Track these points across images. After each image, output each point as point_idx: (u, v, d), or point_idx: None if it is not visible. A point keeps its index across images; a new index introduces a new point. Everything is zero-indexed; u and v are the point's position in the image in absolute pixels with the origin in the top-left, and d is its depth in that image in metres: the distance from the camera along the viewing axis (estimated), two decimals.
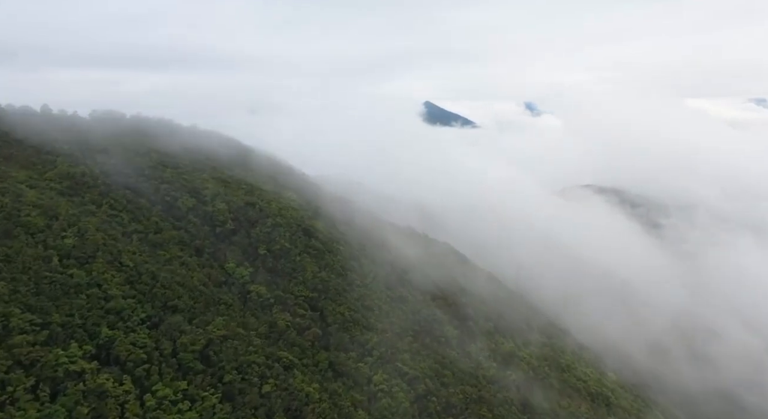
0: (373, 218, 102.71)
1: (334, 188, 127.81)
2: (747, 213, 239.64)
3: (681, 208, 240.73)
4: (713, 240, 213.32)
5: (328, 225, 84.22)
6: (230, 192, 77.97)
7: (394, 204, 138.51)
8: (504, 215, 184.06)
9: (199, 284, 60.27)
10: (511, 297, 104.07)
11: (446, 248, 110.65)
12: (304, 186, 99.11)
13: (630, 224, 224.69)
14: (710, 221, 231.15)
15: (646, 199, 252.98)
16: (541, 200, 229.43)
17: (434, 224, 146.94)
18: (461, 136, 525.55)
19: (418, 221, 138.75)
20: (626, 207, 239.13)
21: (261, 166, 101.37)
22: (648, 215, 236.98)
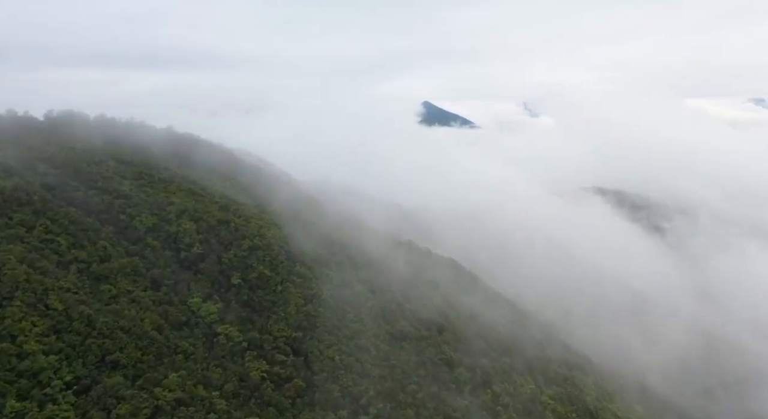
0: (369, 232, 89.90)
1: (326, 195, 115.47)
2: (751, 216, 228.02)
3: (682, 210, 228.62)
4: (719, 245, 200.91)
5: (317, 244, 71.35)
6: (201, 208, 65.03)
7: (389, 211, 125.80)
8: (504, 220, 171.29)
9: (151, 328, 47.48)
10: (522, 320, 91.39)
11: (449, 264, 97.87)
12: (292, 198, 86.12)
13: (634, 229, 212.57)
14: (714, 225, 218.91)
15: (647, 200, 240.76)
16: (541, 204, 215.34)
17: (432, 231, 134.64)
18: (460, 137, 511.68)
19: (415, 228, 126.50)
20: (628, 210, 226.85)
21: (245, 175, 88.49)
22: (649, 219, 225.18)
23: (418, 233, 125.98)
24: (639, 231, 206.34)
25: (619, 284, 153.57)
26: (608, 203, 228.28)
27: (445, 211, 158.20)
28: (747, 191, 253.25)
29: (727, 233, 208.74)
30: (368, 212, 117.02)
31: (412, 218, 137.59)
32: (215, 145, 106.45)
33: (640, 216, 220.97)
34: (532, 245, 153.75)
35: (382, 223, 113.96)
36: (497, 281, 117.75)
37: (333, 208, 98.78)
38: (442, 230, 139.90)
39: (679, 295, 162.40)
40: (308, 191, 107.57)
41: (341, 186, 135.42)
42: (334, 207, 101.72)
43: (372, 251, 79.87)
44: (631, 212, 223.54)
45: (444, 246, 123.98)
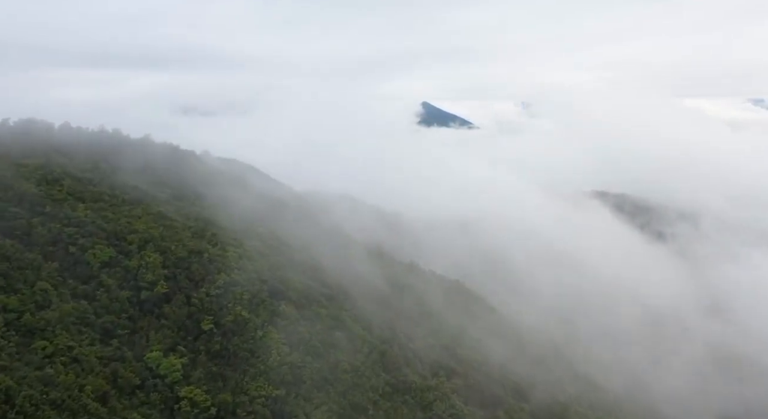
0: (366, 254, 79.82)
1: (319, 206, 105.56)
2: (754, 221, 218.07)
3: (684, 215, 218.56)
4: (724, 252, 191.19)
5: (306, 274, 61.37)
6: (170, 235, 54.99)
7: (386, 223, 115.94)
8: (502, 228, 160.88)
9: (92, 397, 37.58)
10: (535, 351, 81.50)
11: (455, 288, 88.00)
12: (280, 216, 76.02)
13: (637, 236, 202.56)
14: (717, 230, 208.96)
15: (647, 204, 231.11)
16: (541, 210, 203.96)
17: (427, 240, 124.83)
18: (459, 138, 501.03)
19: (410, 239, 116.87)
20: (628, 215, 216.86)
21: (229, 189, 78.28)
22: (651, 224, 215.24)
23: (414, 244, 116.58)
24: (643, 238, 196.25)
25: (625, 294, 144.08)
26: (609, 207, 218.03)
27: (440, 219, 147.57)
28: (749, 195, 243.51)
29: (731, 240, 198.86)
30: (364, 225, 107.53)
31: (408, 227, 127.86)
32: (198, 156, 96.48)
33: (641, 221, 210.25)
34: (531, 254, 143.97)
35: (380, 237, 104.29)
36: (497, 296, 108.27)
37: (326, 224, 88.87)
38: (438, 239, 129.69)
39: (688, 308, 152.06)
40: (299, 204, 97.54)
41: (335, 195, 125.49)
42: (327, 223, 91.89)
43: (370, 278, 69.87)
44: (633, 217, 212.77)
45: (440, 257, 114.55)
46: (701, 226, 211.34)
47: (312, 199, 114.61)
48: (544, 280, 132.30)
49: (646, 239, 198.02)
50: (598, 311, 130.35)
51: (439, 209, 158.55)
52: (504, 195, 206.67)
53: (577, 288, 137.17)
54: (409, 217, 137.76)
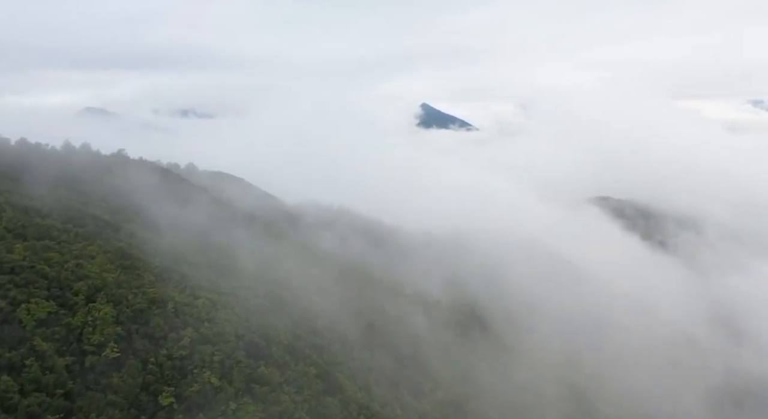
0: (361, 278, 70.02)
1: (311, 223, 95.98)
2: (756, 229, 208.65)
3: (686, 222, 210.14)
4: (728, 262, 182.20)
5: (294, 318, 51.71)
6: (129, 280, 45.27)
7: (381, 239, 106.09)
8: (501, 239, 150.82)
9: None
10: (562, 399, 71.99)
11: (467, 316, 78.37)
12: (268, 245, 66.14)
13: (641, 246, 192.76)
14: (720, 239, 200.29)
15: (649, 211, 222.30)
16: (541, 219, 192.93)
17: (428, 256, 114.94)
18: (458, 141, 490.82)
19: (409, 258, 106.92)
20: (629, 221, 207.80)
21: (210, 213, 68.44)
22: (653, 232, 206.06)
23: (410, 260, 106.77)
24: (647, 248, 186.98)
25: (633, 309, 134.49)
26: (610, 214, 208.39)
27: (438, 231, 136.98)
28: (750, 201, 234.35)
29: (736, 249, 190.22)
30: (358, 244, 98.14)
31: (405, 241, 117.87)
32: (183, 171, 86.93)
33: (644, 229, 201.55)
34: (532, 268, 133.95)
35: (376, 258, 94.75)
36: (496, 315, 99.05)
37: (320, 245, 79.21)
38: (435, 254, 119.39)
39: (698, 325, 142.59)
40: (290, 222, 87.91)
41: (330, 208, 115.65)
42: (322, 244, 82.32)
43: (372, 316, 60.17)
44: (635, 225, 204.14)
45: (437, 275, 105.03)
46: (704, 234, 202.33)
47: (305, 213, 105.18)
48: (547, 298, 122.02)
49: (650, 248, 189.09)
50: (606, 331, 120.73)
51: (436, 221, 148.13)
52: (502, 204, 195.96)
53: (583, 304, 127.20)
54: (407, 230, 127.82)
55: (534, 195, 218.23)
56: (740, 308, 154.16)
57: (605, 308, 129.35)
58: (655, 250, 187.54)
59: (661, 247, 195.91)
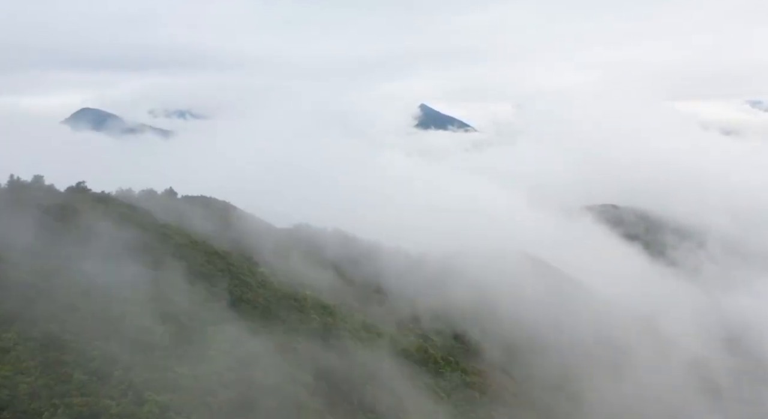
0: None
1: (304, 254, 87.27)
2: (761, 242, 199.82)
3: (686, 233, 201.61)
4: (735, 278, 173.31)
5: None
6: (50, 383, 36.40)
7: (381, 269, 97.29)
8: (496, 255, 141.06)
9: None
10: None
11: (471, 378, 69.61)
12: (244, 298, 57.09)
13: (645, 260, 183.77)
14: (723, 253, 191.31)
15: (647, 219, 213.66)
16: (539, 230, 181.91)
17: (420, 279, 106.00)
18: (456, 143, 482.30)
19: (406, 283, 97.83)
20: (627, 231, 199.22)
21: (181, 257, 59.11)
22: (654, 244, 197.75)
23: (406, 285, 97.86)
24: (649, 260, 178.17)
25: (641, 329, 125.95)
26: (608, 223, 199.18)
27: (431, 252, 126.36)
28: (751, 208, 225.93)
29: (739, 263, 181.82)
30: (360, 275, 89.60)
31: (405, 266, 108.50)
32: (159, 198, 78.29)
33: (644, 239, 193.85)
34: (530, 285, 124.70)
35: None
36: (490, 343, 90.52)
37: (315, 293, 70.41)
38: (430, 278, 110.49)
39: (708, 345, 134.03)
40: (279, 253, 79.26)
41: (325, 230, 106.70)
42: (319, 284, 73.74)
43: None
44: (634, 235, 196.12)
45: (425, 295, 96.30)
46: (706, 246, 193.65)
47: (298, 238, 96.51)
48: (550, 323, 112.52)
49: (652, 260, 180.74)
50: (618, 361, 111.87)
51: (428, 239, 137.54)
52: (498, 216, 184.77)
53: (590, 327, 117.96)
54: (406, 250, 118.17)
55: (530, 204, 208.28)
56: (751, 329, 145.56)
57: (614, 332, 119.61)
58: (658, 262, 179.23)
59: (662, 258, 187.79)
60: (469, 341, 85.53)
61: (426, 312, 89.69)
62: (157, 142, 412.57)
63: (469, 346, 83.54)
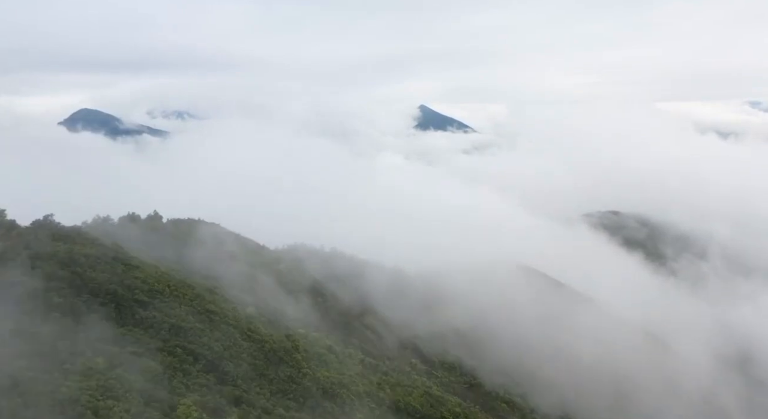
0: None
1: (296, 285, 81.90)
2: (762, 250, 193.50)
3: (688, 243, 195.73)
4: (739, 290, 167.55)
5: None
6: None
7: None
8: (493, 267, 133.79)
9: None
10: None
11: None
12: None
13: (645, 268, 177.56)
14: (726, 264, 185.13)
15: (646, 227, 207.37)
16: (537, 239, 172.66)
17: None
18: (454, 144, 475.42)
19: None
20: (627, 240, 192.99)
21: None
22: (656, 254, 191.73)
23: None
24: (650, 271, 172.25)
25: (651, 350, 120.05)
26: (606, 232, 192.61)
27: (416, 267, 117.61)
28: (752, 215, 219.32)
29: (742, 272, 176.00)
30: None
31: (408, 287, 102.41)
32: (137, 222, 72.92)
33: (644, 249, 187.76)
34: (530, 300, 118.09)
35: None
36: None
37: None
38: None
39: (715, 368, 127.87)
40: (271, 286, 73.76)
41: (318, 252, 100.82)
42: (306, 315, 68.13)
43: None
44: (634, 244, 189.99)
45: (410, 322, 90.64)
46: (709, 256, 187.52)
47: (291, 261, 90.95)
48: (555, 344, 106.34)
49: (653, 271, 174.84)
50: (619, 382, 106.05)
51: (423, 254, 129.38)
52: (493, 225, 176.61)
53: (597, 347, 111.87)
54: (396, 268, 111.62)
55: (529, 211, 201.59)
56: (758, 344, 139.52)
57: (618, 355, 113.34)
58: (660, 272, 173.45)
59: (665, 268, 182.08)
60: (467, 372, 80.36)
61: (419, 339, 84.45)
62: (153, 144, 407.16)
63: (469, 378, 78.21)
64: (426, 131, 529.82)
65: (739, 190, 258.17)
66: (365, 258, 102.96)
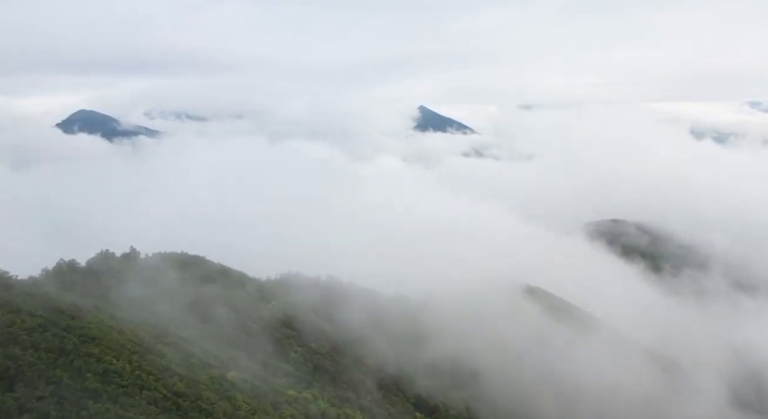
0: None
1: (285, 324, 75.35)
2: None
3: (689, 255, 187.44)
4: (742, 304, 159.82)
5: None
6: None
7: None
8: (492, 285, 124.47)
9: None
10: None
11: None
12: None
13: (648, 283, 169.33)
14: (727, 277, 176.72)
15: (648, 233, 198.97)
16: (535, 252, 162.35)
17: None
18: (452, 146, 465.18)
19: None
20: (626, 250, 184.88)
21: None
22: (653, 263, 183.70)
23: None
24: (653, 285, 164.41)
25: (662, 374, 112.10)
26: (605, 242, 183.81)
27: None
28: (753, 223, 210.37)
29: (743, 285, 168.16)
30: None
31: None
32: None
33: (645, 260, 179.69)
34: (531, 324, 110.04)
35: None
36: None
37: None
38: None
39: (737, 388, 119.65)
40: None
41: (315, 281, 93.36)
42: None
43: None
44: (635, 255, 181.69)
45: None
46: (709, 269, 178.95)
47: (286, 291, 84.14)
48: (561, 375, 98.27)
49: (657, 285, 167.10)
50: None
51: (413, 274, 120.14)
52: (488, 237, 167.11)
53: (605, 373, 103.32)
54: (384, 293, 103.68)
55: (527, 221, 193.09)
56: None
57: (627, 380, 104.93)
58: (660, 287, 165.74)
59: (667, 281, 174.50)
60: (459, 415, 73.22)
61: (404, 376, 77.21)
62: (149, 146, 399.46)
63: None
64: (425, 131, 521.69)
65: (738, 196, 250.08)
66: (345, 282, 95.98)
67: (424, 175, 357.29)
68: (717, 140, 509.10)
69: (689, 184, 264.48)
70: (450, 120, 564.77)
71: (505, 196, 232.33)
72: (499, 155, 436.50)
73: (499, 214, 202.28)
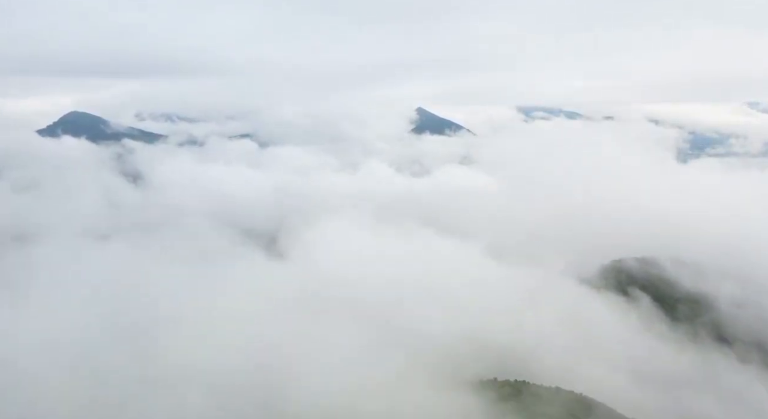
0: None
1: None
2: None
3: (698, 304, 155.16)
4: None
5: None
6: None
7: None
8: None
9: None
10: None
11: None
12: None
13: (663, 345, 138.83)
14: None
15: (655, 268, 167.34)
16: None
17: None
18: (451, 148, 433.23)
19: None
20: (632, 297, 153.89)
21: None
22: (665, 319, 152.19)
23: None
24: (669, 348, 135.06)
25: None
26: (603, 284, 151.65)
27: None
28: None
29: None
30: None
31: None
32: None
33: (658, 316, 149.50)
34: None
35: None
36: None
37: None
38: None
39: None
40: None
41: None
42: None
43: None
44: (639, 303, 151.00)
45: None
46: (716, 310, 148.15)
47: None
48: None
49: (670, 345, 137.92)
50: None
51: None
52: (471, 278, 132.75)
53: None
54: None
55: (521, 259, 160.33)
56: None
57: None
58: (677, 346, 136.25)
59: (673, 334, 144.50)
60: None
61: None
62: (138, 150, 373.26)
63: None
64: (421, 134, 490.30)
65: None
66: None
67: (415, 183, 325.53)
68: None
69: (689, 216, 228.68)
70: (449, 122, 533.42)
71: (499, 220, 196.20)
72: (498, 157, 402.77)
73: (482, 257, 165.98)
